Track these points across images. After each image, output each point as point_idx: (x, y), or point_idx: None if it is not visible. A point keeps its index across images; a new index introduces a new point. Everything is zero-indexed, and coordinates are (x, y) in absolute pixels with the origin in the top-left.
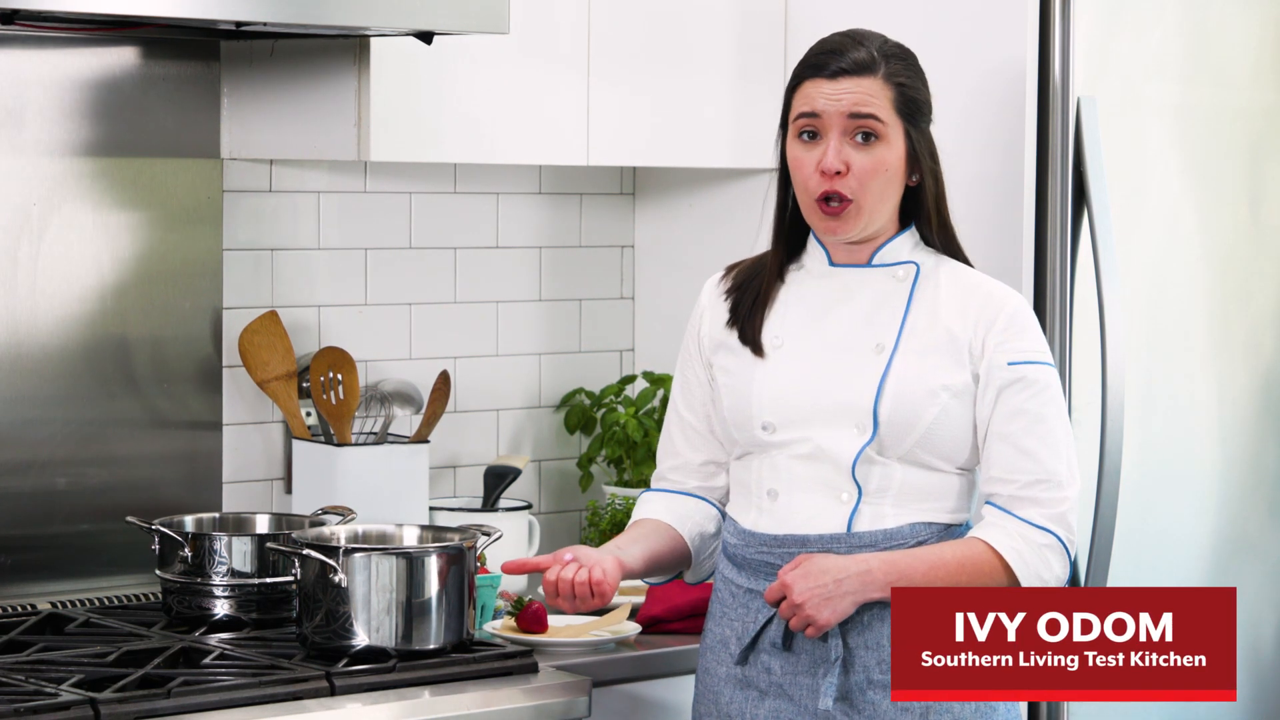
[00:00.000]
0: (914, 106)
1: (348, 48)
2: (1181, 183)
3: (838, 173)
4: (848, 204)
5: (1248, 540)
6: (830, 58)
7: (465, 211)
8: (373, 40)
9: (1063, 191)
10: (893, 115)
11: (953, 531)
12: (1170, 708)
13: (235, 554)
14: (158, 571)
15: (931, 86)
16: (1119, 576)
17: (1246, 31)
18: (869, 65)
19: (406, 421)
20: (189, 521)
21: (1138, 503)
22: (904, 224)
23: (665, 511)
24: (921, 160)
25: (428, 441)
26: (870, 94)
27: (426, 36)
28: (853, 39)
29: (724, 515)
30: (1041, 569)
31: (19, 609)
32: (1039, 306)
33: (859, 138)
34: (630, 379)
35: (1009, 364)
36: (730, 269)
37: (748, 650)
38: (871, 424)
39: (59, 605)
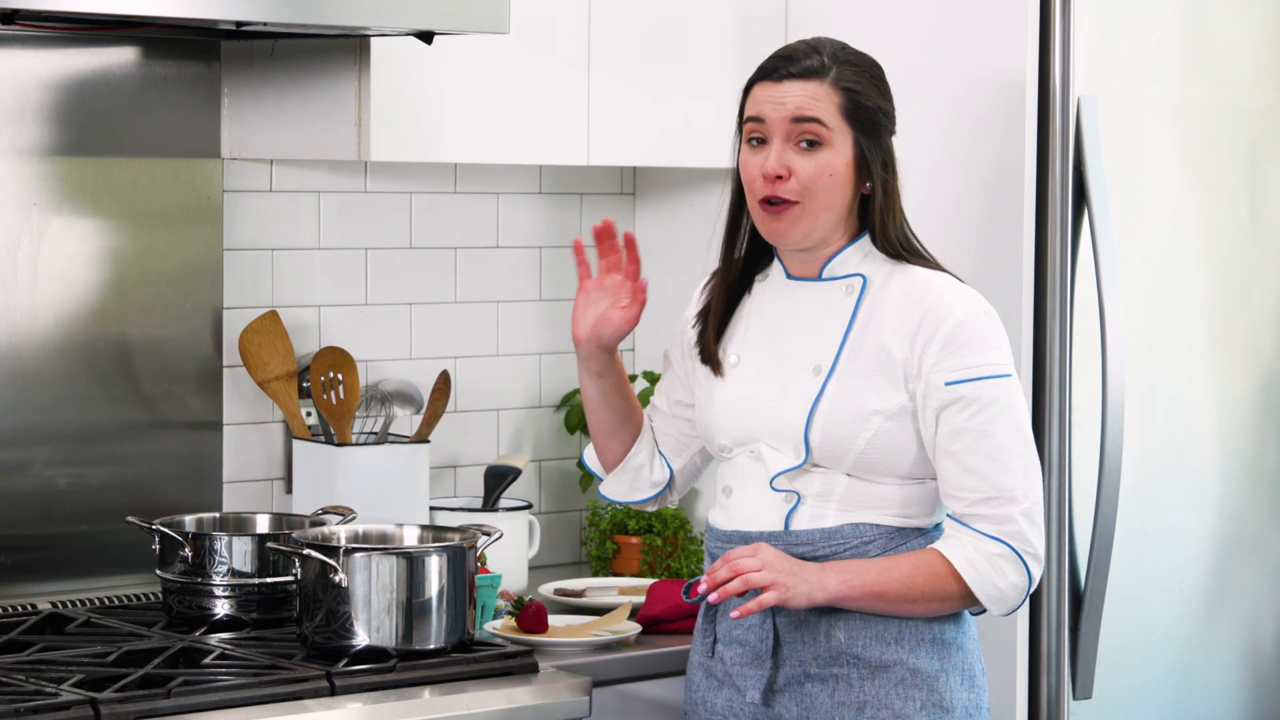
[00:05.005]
0: (864, 114)
1: (348, 48)
2: (1181, 183)
3: (779, 177)
4: (791, 205)
5: (1248, 540)
6: (780, 63)
7: (465, 211)
8: (373, 40)
9: (1063, 192)
10: (839, 120)
11: (905, 534)
12: (1171, 707)
13: (235, 554)
14: (158, 571)
15: (931, 88)
16: (1119, 577)
17: (1246, 31)
18: (817, 71)
19: (407, 421)
20: (189, 521)
21: (1138, 503)
22: (861, 231)
23: (645, 424)
24: (872, 166)
25: (428, 441)
26: (814, 98)
27: (426, 36)
28: (810, 45)
29: (670, 486)
30: (995, 578)
31: (19, 609)
32: (1039, 307)
33: (803, 144)
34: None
35: (946, 384)
36: (714, 275)
37: (713, 642)
38: (805, 448)
39: (59, 605)
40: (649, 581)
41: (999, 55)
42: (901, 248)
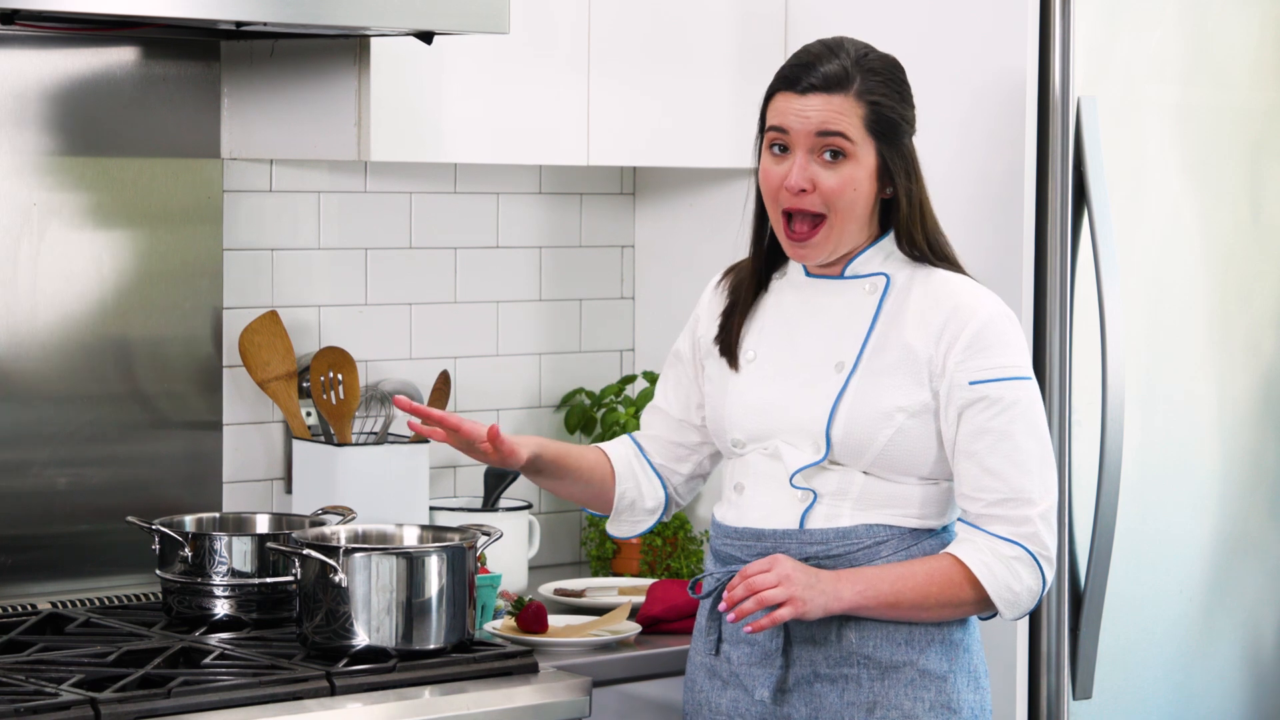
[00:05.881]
0: (887, 124)
1: (348, 48)
2: (1181, 183)
3: (803, 190)
4: (820, 225)
5: (1248, 540)
6: (803, 71)
7: (465, 211)
8: (373, 40)
9: (1063, 191)
10: (863, 133)
11: (918, 536)
12: (1171, 707)
13: (235, 554)
14: (158, 571)
15: (931, 87)
16: (1119, 577)
17: (1246, 31)
18: (841, 81)
19: (407, 421)
20: (189, 521)
21: (1138, 503)
22: (884, 232)
23: (619, 455)
24: (895, 175)
25: (428, 441)
26: (840, 112)
27: (426, 36)
28: (830, 50)
29: (669, 501)
30: (1011, 581)
31: (19, 609)
32: (1039, 306)
33: (827, 155)
34: (630, 379)
35: (970, 383)
36: (729, 271)
37: (718, 641)
38: (825, 445)
39: (59, 605)
40: (649, 581)
41: (999, 55)
42: (931, 251)
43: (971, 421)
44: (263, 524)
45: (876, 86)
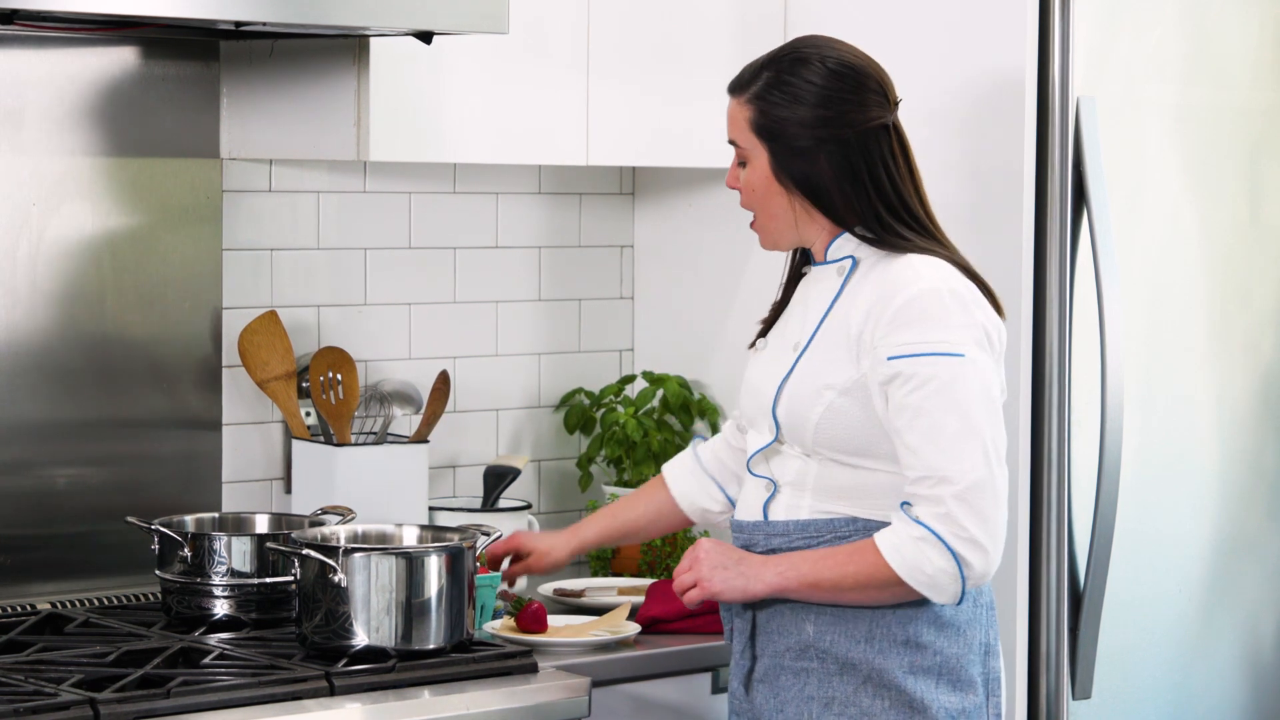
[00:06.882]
0: (772, 125)
1: (347, 48)
2: (1181, 183)
3: (735, 189)
4: (756, 218)
5: (1248, 540)
6: (733, 79)
7: (465, 211)
8: (372, 40)
9: (1062, 191)
10: (751, 137)
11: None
12: (1170, 707)
13: (235, 554)
14: (157, 571)
15: (929, 87)
16: (1118, 576)
17: (1246, 31)
18: (741, 85)
19: (406, 421)
20: (189, 521)
21: (1138, 503)
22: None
23: (675, 477)
24: (782, 178)
25: (427, 441)
26: (732, 119)
27: (426, 36)
28: (761, 57)
29: (730, 499)
30: (921, 562)
31: (19, 609)
32: (1038, 307)
33: (740, 163)
34: (630, 379)
35: (888, 359)
36: None
37: (732, 630)
38: (775, 425)
39: (59, 605)
40: (648, 581)
41: (998, 55)
42: (888, 240)
43: (892, 398)
44: (262, 524)
45: (769, 88)
